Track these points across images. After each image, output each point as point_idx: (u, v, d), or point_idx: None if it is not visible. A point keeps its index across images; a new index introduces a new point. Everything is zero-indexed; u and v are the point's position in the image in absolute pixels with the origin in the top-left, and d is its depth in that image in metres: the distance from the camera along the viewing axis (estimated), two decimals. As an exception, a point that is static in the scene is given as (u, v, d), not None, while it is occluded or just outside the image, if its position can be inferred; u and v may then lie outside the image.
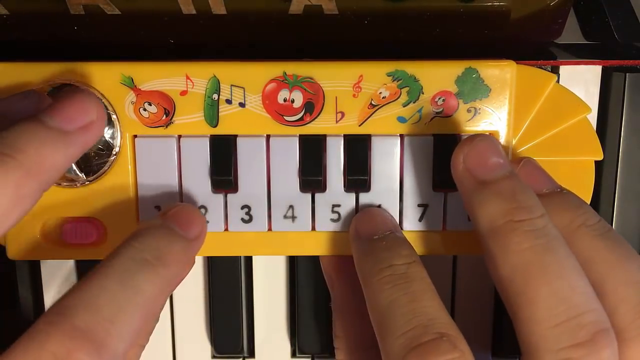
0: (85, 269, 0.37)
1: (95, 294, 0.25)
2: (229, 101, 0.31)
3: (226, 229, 0.32)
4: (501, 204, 0.27)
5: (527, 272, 0.25)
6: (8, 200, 0.24)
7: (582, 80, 0.35)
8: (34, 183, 0.25)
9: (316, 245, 0.33)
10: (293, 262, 0.37)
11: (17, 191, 0.25)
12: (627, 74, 0.35)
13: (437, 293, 0.28)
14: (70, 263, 0.37)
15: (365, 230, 0.31)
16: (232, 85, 0.31)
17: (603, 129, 0.36)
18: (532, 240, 0.26)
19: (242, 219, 0.32)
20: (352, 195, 0.32)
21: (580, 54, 0.36)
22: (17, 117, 0.26)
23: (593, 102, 0.36)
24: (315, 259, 0.36)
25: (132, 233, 0.28)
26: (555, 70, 0.35)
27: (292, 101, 0.31)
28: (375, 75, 0.31)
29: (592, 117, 0.36)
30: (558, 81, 0.33)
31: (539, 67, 0.34)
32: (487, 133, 0.31)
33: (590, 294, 0.26)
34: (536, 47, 0.35)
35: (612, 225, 0.36)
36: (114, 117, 0.31)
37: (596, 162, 0.33)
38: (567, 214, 0.28)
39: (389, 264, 0.28)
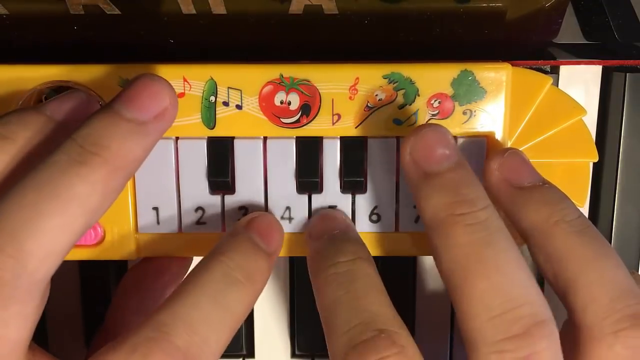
0: (85, 270, 0.37)
1: (189, 312, 0.25)
2: (226, 103, 0.31)
3: (224, 230, 0.32)
4: (444, 197, 0.27)
5: (465, 265, 0.25)
6: (98, 196, 0.25)
7: (582, 80, 0.35)
8: (120, 178, 0.26)
9: None
10: (292, 263, 0.37)
11: (105, 187, 0.25)
12: (627, 74, 0.35)
13: (383, 289, 0.28)
14: (70, 264, 0.38)
15: (316, 231, 0.31)
16: (229, 88, 0.31)
17: (603, 129, 0.36)
18: (472, 234, 0.26)
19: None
20: (349, 197, 0.32)
21: (580, 54, 0.36)
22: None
23: (593, 102, 0.36)
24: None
25: (219, 244, 0.29)
26: (555, 70, 0.35)
27: (289, 103, 0.31)
28: (371, 78, 0.31)
29: (592, 117, 0.36)
30: (558, 81, 0.33)
31: (539, 67, 0.33)
32: (482, 135, 0.31)
33: (531, 286, 0.25)
34: (534, 48, 0.35)
35: (612, 225, 0.36)
36: (111, 119, 0.31)
37: (596, 163, 0.33)
38: (546, 209, 0.28)
39: (333, 262, 0.28)
